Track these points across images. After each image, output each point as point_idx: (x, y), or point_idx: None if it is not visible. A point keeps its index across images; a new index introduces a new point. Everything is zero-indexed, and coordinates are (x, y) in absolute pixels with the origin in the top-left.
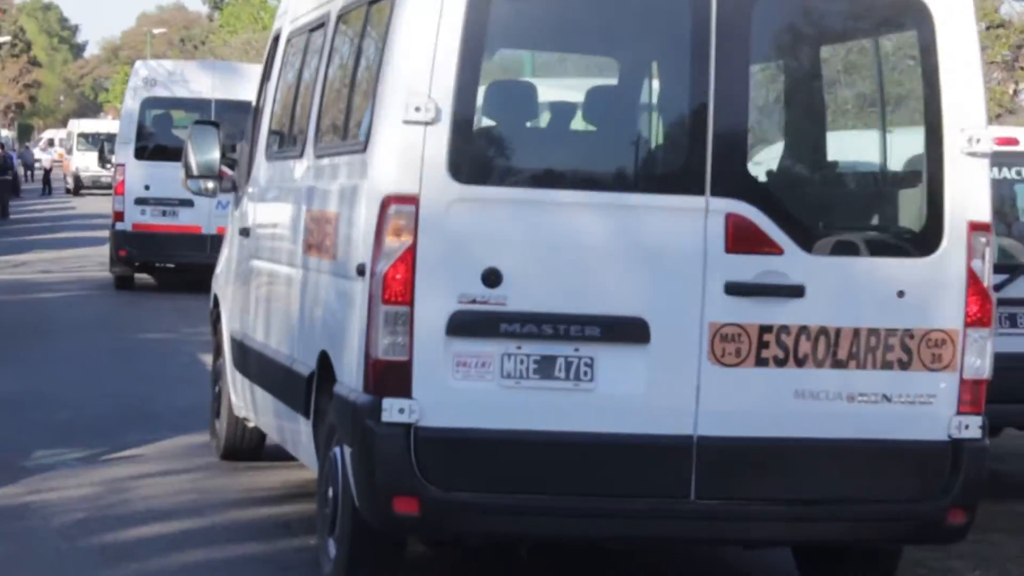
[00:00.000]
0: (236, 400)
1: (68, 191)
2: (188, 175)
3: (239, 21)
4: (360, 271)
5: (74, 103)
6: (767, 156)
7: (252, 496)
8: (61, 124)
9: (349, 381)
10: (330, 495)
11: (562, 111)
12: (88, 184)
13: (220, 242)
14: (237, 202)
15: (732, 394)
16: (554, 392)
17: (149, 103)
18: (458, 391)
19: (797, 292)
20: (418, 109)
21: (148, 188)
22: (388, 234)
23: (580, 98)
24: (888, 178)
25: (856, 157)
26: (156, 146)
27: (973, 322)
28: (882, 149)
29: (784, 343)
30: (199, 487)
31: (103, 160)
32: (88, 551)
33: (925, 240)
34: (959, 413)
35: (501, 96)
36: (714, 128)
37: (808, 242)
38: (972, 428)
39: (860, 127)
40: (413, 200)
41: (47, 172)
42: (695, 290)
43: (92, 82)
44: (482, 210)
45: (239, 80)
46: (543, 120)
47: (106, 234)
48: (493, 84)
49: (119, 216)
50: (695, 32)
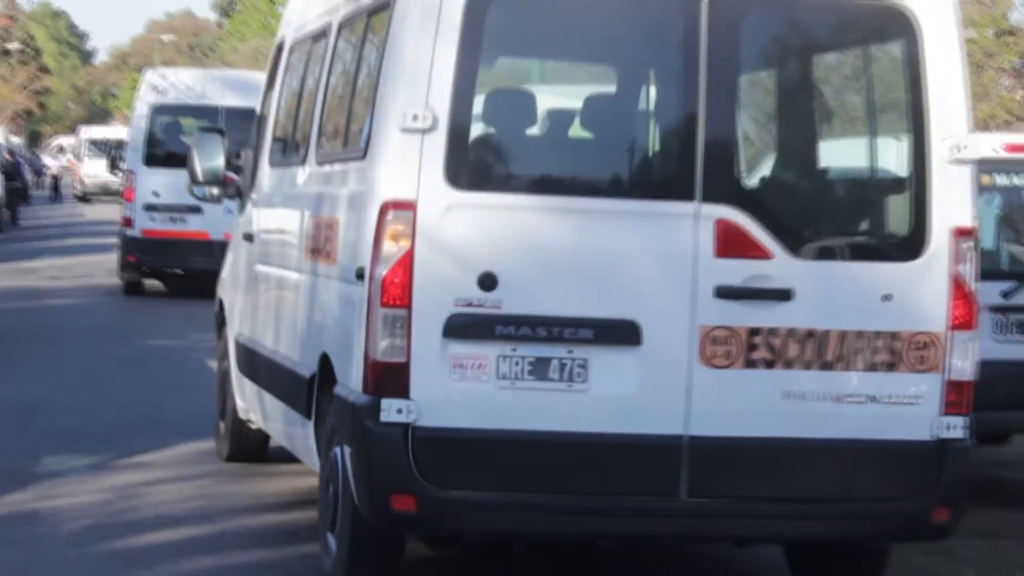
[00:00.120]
0: (240, 403)
1: (77, 198)
2: (193, 181)
3: (248, 28)
4: (360, 275)
5: (83, 110)
6: (758, 164)
7: (261, 503)
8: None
9: (349, 382)
10: (330, 493)
11: (557, 119)
12: (97, 191)
13: (227, 248)
14: (242, 208)
15: (722, 395)
16: (548, 393)
17: (158, 110)
18: (455, 392)
19: (785, 296)
20: (415, 117)
21: (157, 195)
22: (387, 239)
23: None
24: (874, 185)
25: (844, 164)
26: (165, 153)
27: (958, 325)
28: (869, 156)
29: (773, 345)
30: (208, 494)
31: (113, 167)
32: (97, 557)
33: (911, 245)
34: (944, 414)
35: (497, 104)
36: (704, 136)
37: (796, 247)
38: (957, 428)
39: (848, 135)
40: (411, 206)
41: (56, 179)
42: (686, 293)
43: (101, 89)
44: (478, 215)
45: (248, 88)
46: (538, 128)
47: (115, 241)
48: (490, 92)
49: (128, 222)
50: (686, 43)
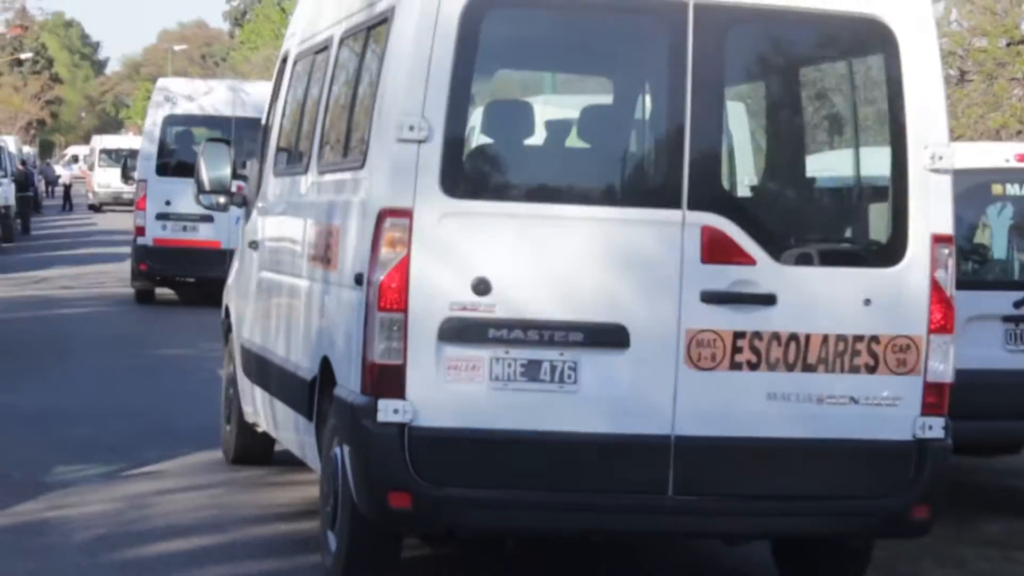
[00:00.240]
0: (245, 406)
1: (91, 207)
2: (200, 191)
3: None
4: (358, 280)
5: (95, 120)
6: (744, 173)
7: (271, 512)
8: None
9: (348, 384)
10: (330, 492)
11: (549, 129)
12: (109, 200)
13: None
14: (248, 216)
15: (708, 396)
16: (540, 394)
17: (170, 120)
18: (449, 393)
19: (769, 300)
20: (412, 128)
21: (169, 204)
22: (384, 245)
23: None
24: (856, 193)
25: (826, 173)
26: (177, 163)
27: (936, 329)
28: (850, 166)
29: (757, 348)
30: (218, 503)
31: (125, 176)
32: (109, 567)
33: (891, 251)
34: (923, 414)
35: (491, 115)
36: (691, 146)
37: (779, 253)
38: (935, 428)
39: (830, 145)
40: (407, 213)
41: (67, 188)
42: (673, 298)
43: (113, 98)
44: (472, 223)
45: (259, 98)
46: (530, 138)
47: (126, 250)
48: (485, 103)
49: (140, 231)
50: (673, 55)
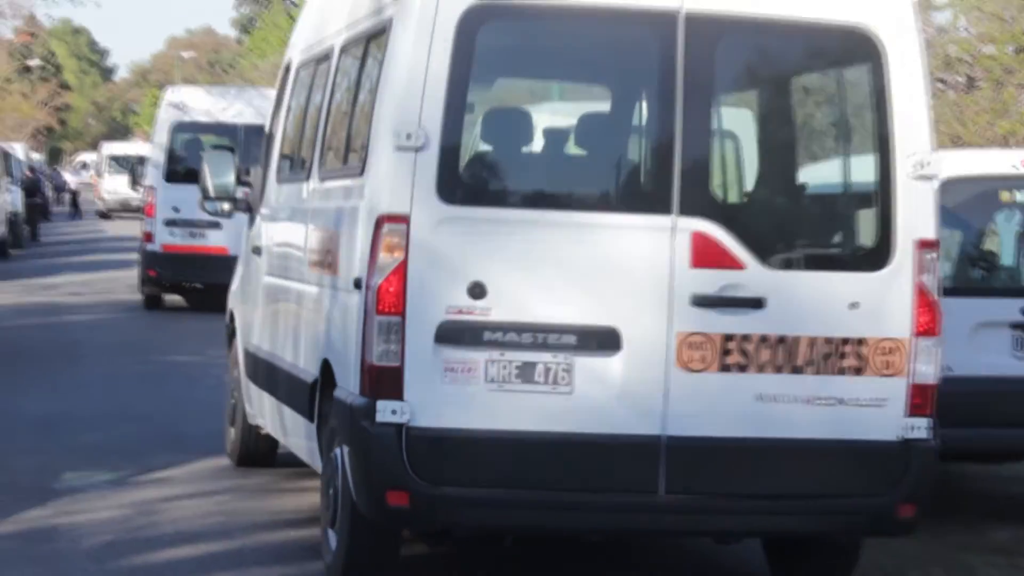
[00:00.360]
0: (249, 408)
1: (100, 214)
2: (205, 197)
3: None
4: (357, 284)
5: (103, 126)
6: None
7: (279, 519)
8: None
9: (347, 385)
10: (331, 492)
11: (543, 137)
12: (117, 207)
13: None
14: (251, 222)
15: (698, 397)
16: (534, 395)
17: (179, 127)
18: (446, 394)
19: (757, 304)
20: (409, 137)
21: (177, 210)
22: (382, 250)
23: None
24: (842, 199)
25: (813, 180)
26: (185, 169)
27: (922, 332)
28: (837, 172)
29: (746, 351)
30: (227, 509)
31: (134, 183)
32: (117, 573)
33: (877, 256)
34: (909, 415)
35: (488, 123)
36: (681, 154)
37: (767, 258)
38: (921, 429)
39: (818, 152)
40: (404, 219)
41: (75, 195)
42: (663, 302)
43: (121, 105)
44: (468, 228)
45: (266, 105)
46: (525, 145)
47: (135, 256)
48: (482, 112)
49: (149, 237)
50: (663, 65)
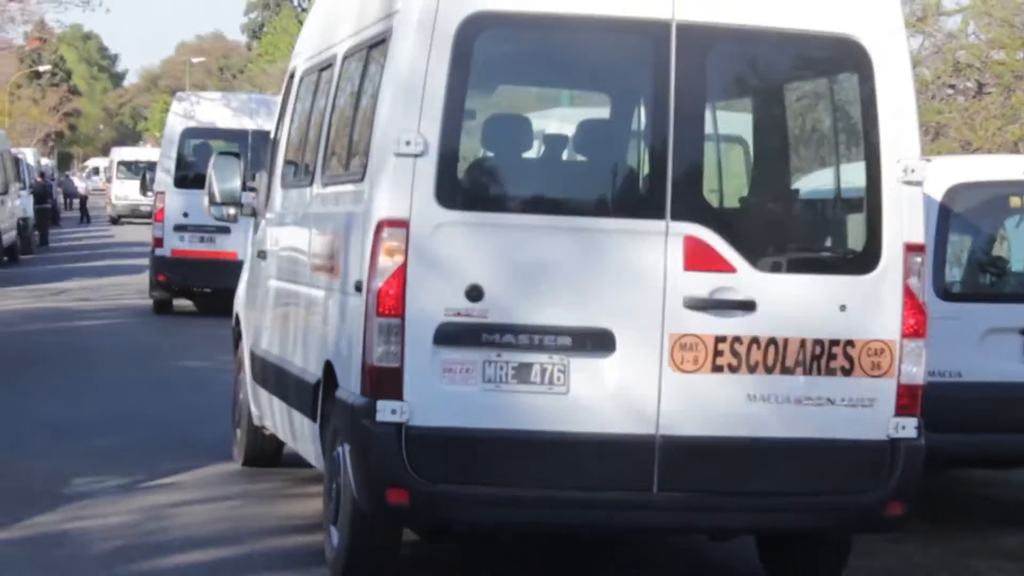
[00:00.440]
0: (255, 410)
1: (111, 220)
2: (211, 202)
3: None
4: (358, 287)
5: (113, 132)
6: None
7: (289, 524)
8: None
9: (349, 386)
10: (333, 490)
11: (544, 142)
12: (126, 213)
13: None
14: (256, 227)
15: (690, 397)
16: (531, 395)
17: (188, 133)
18: (444, 394)
19: (748, 306)
20: (408, 143)
21: (187, 215)
22: (382, 254)
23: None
24: (832, 204)
25: (803, 185)
26: (195, 175)
27: (909, 333)
28: (826, 178)
29: (737, 352)
30: (237, 515)
31: (144, 188)
32: None
33: (865, 259)
34: (897, 415)
35: (486, 130)
36: (673, 159)
37: (758, 261)
38: (908, 428)
39: (807, 158)
40: (404, 224)
41: (83, 200)
42: (656, 304)
43: (131, 111)
44: (466, 233)
45: (274, 111)
46: (522, 152)
47: (144, 262)
48: (479, 119)
49: (159, 242)
50: (656, 75)
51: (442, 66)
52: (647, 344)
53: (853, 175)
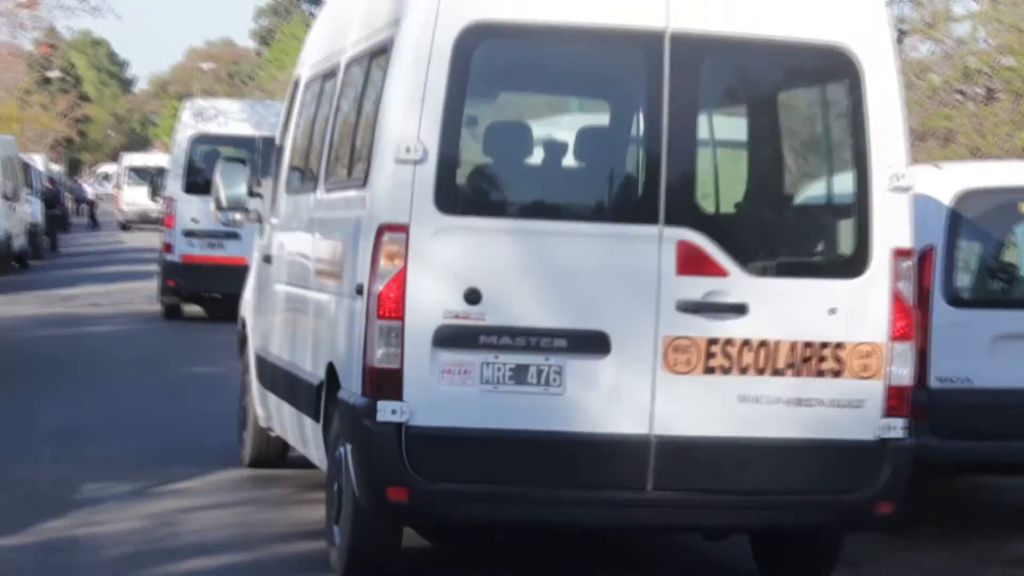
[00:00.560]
0: (260, 412)
1: (120, 225)
2: (218, 207)
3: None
4: (359, 290)
5: (123, 137)
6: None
7: (299, 530)
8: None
9: (350, 387)
10: (336, 489)
11: (544, 149)
12: (136, 219)
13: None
14: (262, 232)
15: (684, 398)
16: (527, 396)
17: (198, 140)
18: (443, 394)
19: (740, 309)
20: (408, 150)
21: (196, 221)
22: (383, 258)
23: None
24: (822, 209)
25: (794, 191)
26: (204, 181)
27: (898, 336)
28: (816, 185)
29: (729, 354)
30: (247, 521)
31: (154, 194)
32: None
33: (854, 264)
34: (885, 416)
35: (484, 137)
36: (667, 166)
37: (750, 265)
38: (897, 429)
39: (798, 165)
40: (404, 229)
41: (91, 206)
42: (650, 307)
43: (141, 117)
44: (464, 237)
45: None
46: (519, 159)
47: (154, 268)
48: (477, 126)
49: (168, 248)
50: (650, 84)
51: (441, 75)
52: (641, 346)
53: (843, 182)
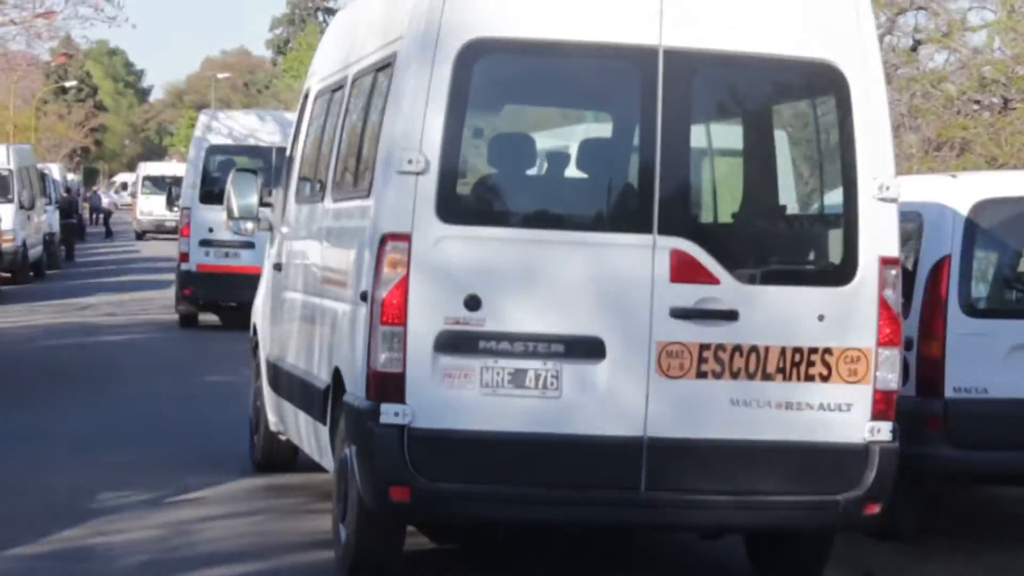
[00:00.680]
0: (271, 416)
1: (137, 235)
2: (230, 216)
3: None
4: (363, 297)
5: (139, 147)
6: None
7: (313, 539)
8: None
9: (355, 390)
10: (342, 489)
11: (546, 160)
12: (151, 228)
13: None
14: (272, 241)
15: (677, 402)
16: (525, 399)
17: (213, 150)
18: (444, 398)
19: (731, 316)
20: (411, 162)
21: (212, 231)
22: (386, 266)
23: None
24: (811, 220)
25: (783, 202)
26: (220, 191)
27: (884, 342)
28: (805, 195)
29: (721, 359)
30: (261, 530)
31: (170, 203)
32: None
33: (843, 272)
34: (873, 419)
35: (485, 149)
36: (661, 177)
37: (741, 273)
38: (884, 432)
39: (788, 177)
40: (407, 238)
41: (107, 215)
42: (644, 314)
43: (157, 126)
44: (464, 246)
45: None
46: (518, 170)
47: (169, 277)
48: (479, 139)
49: (184, 257)
50: (644, 98)
51: (443, 89)
52: (635, 351)
53: (831, 192)
